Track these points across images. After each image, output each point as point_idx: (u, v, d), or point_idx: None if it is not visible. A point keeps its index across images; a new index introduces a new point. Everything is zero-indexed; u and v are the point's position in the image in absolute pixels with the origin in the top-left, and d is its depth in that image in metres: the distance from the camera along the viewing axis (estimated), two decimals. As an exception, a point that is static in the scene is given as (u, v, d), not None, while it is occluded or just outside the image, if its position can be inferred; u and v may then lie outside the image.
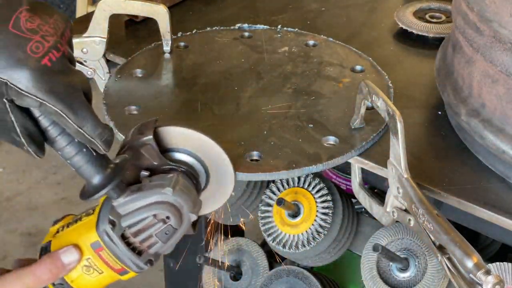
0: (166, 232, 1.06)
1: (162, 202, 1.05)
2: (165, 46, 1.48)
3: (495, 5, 1.12)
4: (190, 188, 1.08)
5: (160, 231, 1.06)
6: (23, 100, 0.94)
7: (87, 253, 1.08)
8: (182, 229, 1.07)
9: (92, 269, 1.08)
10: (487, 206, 1.15)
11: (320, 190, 1.45)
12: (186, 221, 1.07)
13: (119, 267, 1.08)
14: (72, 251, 1.07)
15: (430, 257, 1.37)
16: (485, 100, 1.19)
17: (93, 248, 1.07)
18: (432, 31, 1.57)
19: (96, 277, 1.09)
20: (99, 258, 1.07)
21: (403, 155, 1.12)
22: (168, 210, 1.05)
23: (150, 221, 1.05)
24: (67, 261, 1.07)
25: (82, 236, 1.08)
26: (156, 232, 1.06)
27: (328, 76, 1.42)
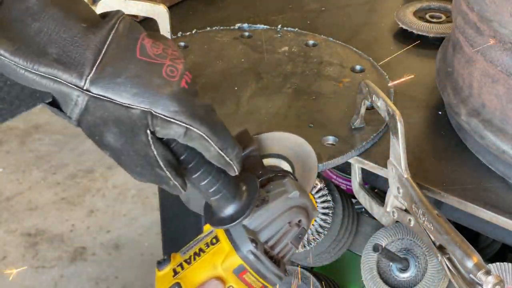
0: (299, 235, 1.05)
1: (293, 207, 1.04)
2: (165, 46, 1.48)
3: (495, 5, 1.12)
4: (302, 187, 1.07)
5: (295, 237, 1.05)
6: (169, 128, 0.88)
7: (229, 281, 1.04)
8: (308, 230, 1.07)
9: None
10: (487, 206, 1.15)
11: (320, 190, 1.45)
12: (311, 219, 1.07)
13: (260, 285, 1.05)
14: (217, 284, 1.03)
15: (430, 257, 1.37)
16: (485, 100, 1.19)
17: (236, 274, 1.03)
18: (432, 31, 1.57)
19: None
20: (241, 282, 1.04)
21: (403, 155, 1.12)
22: (301, 213, 1.05)
23: (286, 229, 1.04)
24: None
25: (220, 265, 1.04)
26: (292, 239, 1.05)
27: (328, 76, 1.42)
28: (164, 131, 0.89)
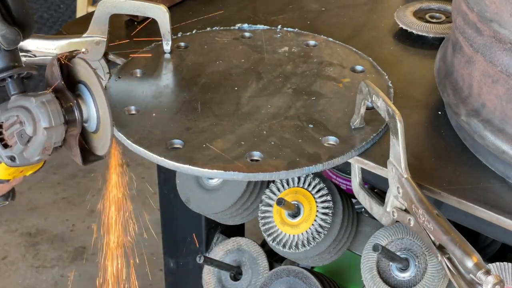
0: (22, 135, 1.17)
1: (23, 107, 1.17)
2: (165, 46, 1.48)
3: (495, 5, 1.12)
4: (57, 113, 1.18)
5: (18, 132, 1.17)
6: None
7: None
8: (38, 141, 1.17)
9: None
10: (487, 206, 1.15)
11: (320, 190, 1.45)
12: (41, 134, 1.17)
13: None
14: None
15: (430, 257, 1.37)
16: (485, 100, 1.19)
17: None
18: (432, 31, 1.57)
19: None
20: None
21: (403, 155, 1.12)
22: (24, 115, 1.16)
23: (14, 120, 1.18)
24: None
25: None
26: (16, 132, 1.17)
27: (328, 76, 1.42)
28: None
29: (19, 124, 1.18)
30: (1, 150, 1.21)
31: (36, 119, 1.17)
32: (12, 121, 1.18)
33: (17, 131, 1.18)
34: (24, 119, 1.17)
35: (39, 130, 1.17)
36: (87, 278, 2.78)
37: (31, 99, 1.17)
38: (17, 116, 1.18)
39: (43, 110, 1.16)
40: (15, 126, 1.18)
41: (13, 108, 1.19)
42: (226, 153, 1.22)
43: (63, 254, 2.87)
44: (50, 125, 1.17)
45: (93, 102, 1.21)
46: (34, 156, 1.20)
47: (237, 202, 1.54)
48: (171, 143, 1.25)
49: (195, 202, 1.60)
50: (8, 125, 1.19)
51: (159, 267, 2.55)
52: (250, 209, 1.57)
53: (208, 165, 1.20)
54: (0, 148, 1.21)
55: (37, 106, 1.16)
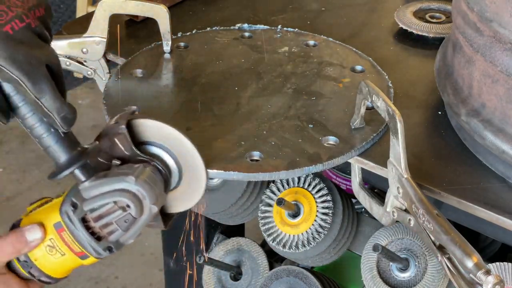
0: (125, 220, 1.07)
1: (123, 190, 1.05)
2: (165, 46, 1.48)
3: (495, 5, 1.12)
4: (156, 181, 1.08)
5: (119, 219, 1.07)
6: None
7: (50, 233, 1.11)
8: (142, 220, 1.07)
9: (55, 250, 1.11)
10: (487, 206, 1.15)
11: (320, 190, 1.45)
12: (147, 212, 1.07)
13: (79, 251, 1.10)
14: (36, 229, 1.11)
15: (430, 257, 1.37)
16: (485, 100, 1.19)
17: (56, 229, 1.10)
18: (432, 31, 1.57)
19: (58, 258, 1.12)
20: (60, 239, 1.10)
21: (403, 155, 1.12)
22: (129, 198, 1.05)
23: (111, 207, 1.07)
24: (31, 238, 1.11)
25: (48, 216, 1.12)
26: (116, 219, 1.07)
27: (328, 76, 1.42)
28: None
29: (121, 209, 1.06)
30: (96, 244, 1.09)
31: (141, 198, 1.06)
32: (106, 210, 1.07)
33: (119, 217, 1.07)
34: (128, 202, 1.05)
35: (145, 209, 1.06)
36: (87, 278, 2.78)
37: (128, 178, 1.05)
38: (114, 203, 1.06)
39: (147, 186, 1.05)
40: (115, 214, 1.07)
41: (102, 195, 1.06)
42: (226, 153, 1.22)
43: (63, 254, 2.86)
44: (156, 200, 1.07)
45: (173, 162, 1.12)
46: (132, 238, 1.09)
47: (237, 202, 1.54)
48: (171, 143, 1.25)
49: (195, 202, 1.60)
50: (99, 215, 1.07)
51: (159, 267, 2.55)
52: (250, 209, 1.57)
53: (208, 165, 1.20)
54: (95, 243, 1.09)
55: (139, 185, 1.05)
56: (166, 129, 1.11)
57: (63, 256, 1.12)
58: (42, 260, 1.12)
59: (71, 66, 1.50)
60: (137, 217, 1.07)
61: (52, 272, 1.14)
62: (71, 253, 1.11)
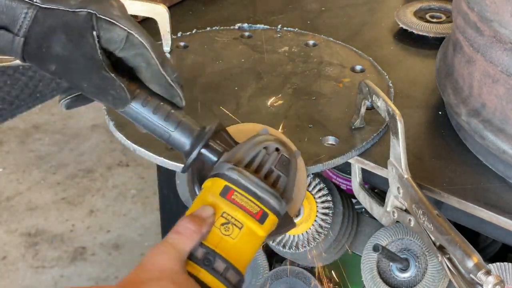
0: (283, 162, 1.02)
1: (266, 138, 1.04)
2: (165, 46, 1.48)
3: (495, 5, 1.12)
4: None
5: (278, 163, 1.02)
6: (112, 31, 0.96)
7: (220, 207, 0.99)
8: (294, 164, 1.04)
9: (231, 225, 0.99)
10: (487, 206, 1.15)
11: (320, 190, 1.45)
12: (294, 155, 1.05)
13: (257, 210, 0.99)
14: (205, 207, 0.99)
15: (430, 257, 1.37)
16: (485, 100, 1.19)
17: (224, 196, 1.00)
18: (432, 31, 1.57)
19: (237, 235, 0.99)
20: (233, 205, 0.99)
21: (403, 155, 1.12)
22: (276, 142, 1.04)
23: (264, 155, 1.02)
24: (205, 214, 0.98)
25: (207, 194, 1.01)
26: (275, 164, 1.02)
27: (328, 76, 1.42)
28: (108, 34, 0.97)
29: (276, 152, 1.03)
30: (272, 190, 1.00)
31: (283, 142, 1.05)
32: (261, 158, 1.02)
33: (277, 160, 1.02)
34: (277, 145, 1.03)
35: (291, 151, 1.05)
36: (87, 278, 2.78)
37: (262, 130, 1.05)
38: (264, 149, 1.03)
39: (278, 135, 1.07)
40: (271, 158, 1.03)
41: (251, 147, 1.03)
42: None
43: (63, 254, 2.86)
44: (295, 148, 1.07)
45: None
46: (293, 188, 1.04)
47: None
48: (171, 143, 1.25)
49: (195, 202, 1.60)
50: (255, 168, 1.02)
51: (159, 267, 2.54)
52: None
53: (208, 165, 1.20)
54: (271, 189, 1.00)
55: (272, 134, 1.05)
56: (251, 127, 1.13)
57: (242, 230, 0.98)
58: (222, 245, 0.98)
59: (71, 66, 1.49)
60: (290, 157, 1.03)
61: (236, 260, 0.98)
62: (249, 219, 0.99)
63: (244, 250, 1.00)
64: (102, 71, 0.97)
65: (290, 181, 1.04)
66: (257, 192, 1.00)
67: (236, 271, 0.98)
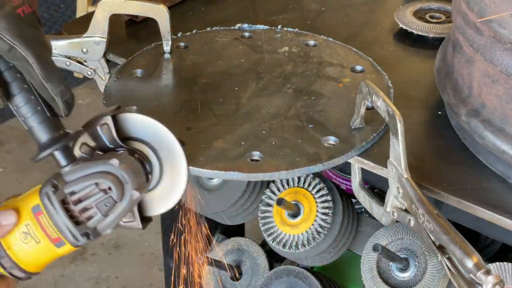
0: (106, 203, 1.06)
1: (106, 172, 1.05)
2: (165, 46, 1.48)
3: (495, 5, 1.12)
4: (139, 169, 1.08)
5: (100, 202, 1.06)
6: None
7: (27, 218, 1.08)
8: (122, 206, 1.06)
9: (30, 236, 1.08)
10: (487, 206, 1.15)
11: (320, 190, 1.45)
12: (128, 198, 1.06)
13: (55, 236, 1.08)
14: (10, 213, 1.08)
15: (430, 257, 1.37)
16: (485, 100, 1.19)
17: (33, 212, 1.08)
18: (432, 31, 1.57)
19: (33, 247, 1.09)
20: (37, 223, 1.08)
21: (403, 155, 1.12)
22: (111, 180, 1.05)
23: (92, 190, 1.05)
24: (4, 222, 1.07)
25: (25, 201, 1.09)
26: (97, 202, 1.06)
27: (328, 76, 1.42)
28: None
29: (102, 192, 1.05)
30: (74, 228, 1.06)
31: (123, 182, 1.05)
32: (87, 192, 1.05)
33: (101, 200, 1.05)
34: (110, 185, 1.04)
35: (127, 194, 1.06)
36: (87, 278, 2.78)
37: (111, 161, 1.05)
38: (95, 184, 1.05)
39: (129, 171, 1.05)
40: (96, 196, 1.05)
41: (84, 177, 1.06)
42: (226, 153, 1.22)
43: (63, 254, 2.86)
44: (138, 186, 1.06)
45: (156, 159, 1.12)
46: (109, 227, 1.07)
47: (237, 202, 1.54)
48: (171, 143, 1.25)
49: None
50: (78, 198, 1.06)
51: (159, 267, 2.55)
52: (250, 209, 1.57)
53: (208, 165, 1.20)
54: (73, 226, 1.06)
55: (121, 168, 1.05)
56: (148, 122, 1.12)
57: (38, 245, 1.09)
58: (15, 248, 1.09)
59: (71, 66, 1.50)
60: (118, 200, 1.06)
61: (25, 264, 1.10)
62: (47, 240, 1.08)
63: (39, 259, 1.11)
64: None
65: (107, 221, 1.07)
66: (59, 224, 1.07)
67: (21, 269, 1.10)
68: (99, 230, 1.08)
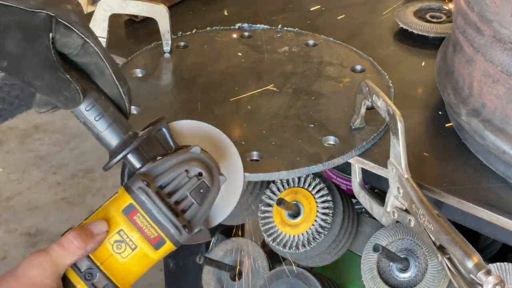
0: (200, 190, 1.02)
1: (193, 159, 1.03)
2: (165, 46, 1.48)
3: (495, 5, 1.12)
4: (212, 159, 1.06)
5: (194, 189, 1.02)
6: (69, 36, 0.97)
7: (119, 223, 1.00)
8: (214, 192, 1.03)
9: (124, 244, 1.00)
10: (487, 206, 1.14)
11: (320, 190, 1.45)
12: (217, 182, 1.04)
13: (155, 235, 1.00)
14: (100, 222, 1.00)
15: (430, 257, 1.37)
16: (486, 100, 1.19)
17: (126, 215, 1.00)
18: (432, 31, 1.57)
19: (128, 256, 1.00)
20: (132, 225, 1.00)
21: (403, 155, 1.12)
22: (200, 165, 1.02)
23: (183, 178, 1.02)
24: (96, 230, 1.00)
25: (113, 206, 1.02)
26: (191, 190, 1.02)
27: (328, 76, 1.42)
28: (64, 39, 0.97)
29: (195, 178, 1.02)
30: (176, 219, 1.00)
31: (210, 166, 1.03)
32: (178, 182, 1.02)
33: (194, 187, 1.02)
34: (200, 170, 1.02)
35: (216, 178, 1.03)
36: (87, 278, 2.77)
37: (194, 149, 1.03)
38: (186, 172, 1.02)
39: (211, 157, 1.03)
40: (189, 183, 1.02)
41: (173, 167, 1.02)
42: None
43: (63, 254, 2.86)
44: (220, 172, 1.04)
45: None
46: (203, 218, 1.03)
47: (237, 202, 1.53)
48: (171, 143, 1.25)
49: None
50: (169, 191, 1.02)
51: (159, 267, 2.55)
52: (250, 209, 1.57)
53: (208, 165, 1.20)
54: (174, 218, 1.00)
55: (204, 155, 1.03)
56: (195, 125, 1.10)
57: (134, 252, 1.00)
58: (109, 262, 1.00)
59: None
60: (210, 185, 1.02)
61: (120, 278, 1.00)
62: (144, 243, 1.00)
63: (132, 270, 1.01)
64: (56, 71, 0.97)
65: (202, 211, 1.04)
66: (159, 219, 1.01)
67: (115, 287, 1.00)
68: (196, 220, 1.03)
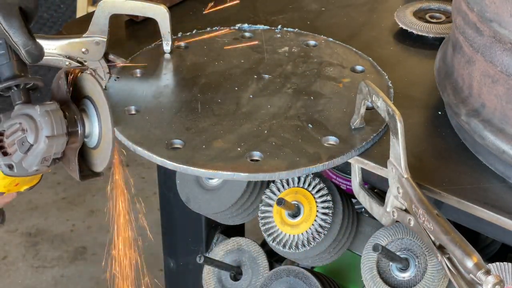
0: (23, 142, 1.16)
1: (27, 115, 1.17)
2: (165, 46, 1.48)
3: (495, 5, 1.12)
4: (60, 123, 1.17)
5: (19, 140, 1.17)
6: None
7: None
8: (38, 149, 1.16)
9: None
10: (487, 206, 1.15)
11: (320, 190, 1.45)
12: (42, 143, 1.16)
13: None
14: None
15: (430, 257, 1.37)
16: (485, 100, 1.19)
17: None
18: (432, 31, 1.57)
19: None
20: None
21: (403, 155, 1.12)
22: (27, 123, 1.16)
23: (16, 128, 1.17)
24: None
25: None
26: (17, 140, 1.17)
27: (328, 76, 1.42)
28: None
29: (21, 131, 1.17)
30: (0, 157, 1.20)
31: (39, 127, 1.16)
32: (14, 129, 1.17)
33: (19, 138, 1.17)
34: (26, 127, 1.16)
35: (40, 139, 1.16)
36: (87, 278, 2.78)
37: (36, 107, 1.16)
38: (19, 124, 1.17)
39: (47, 118, 1.15)
40: (17, 134, 1.17)
41: (16, 116, 1.18)
42: (226, 153, 1.22)
43: (63, 254, 2.87)
44: (52, 134, 1.16)
45: (97, 118, 1.20)
46: (32, 165, 1.19)
47: (237, 202, 1.54)
48: (171, 143, 1.25)
49: (195, 202, 1.60)
50: (9, 133, 1.18)
51: (159, 267, 2.55)
52: (250, 209, 1.57)
53: (208, 165, 1.20)
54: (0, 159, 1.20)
55: (41, 115, 1.15)
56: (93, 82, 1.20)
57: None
58: None
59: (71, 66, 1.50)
60: (32, 143, 1.16)
61: None
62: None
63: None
64: None
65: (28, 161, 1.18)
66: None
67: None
68: (24, 167, 1.19)
